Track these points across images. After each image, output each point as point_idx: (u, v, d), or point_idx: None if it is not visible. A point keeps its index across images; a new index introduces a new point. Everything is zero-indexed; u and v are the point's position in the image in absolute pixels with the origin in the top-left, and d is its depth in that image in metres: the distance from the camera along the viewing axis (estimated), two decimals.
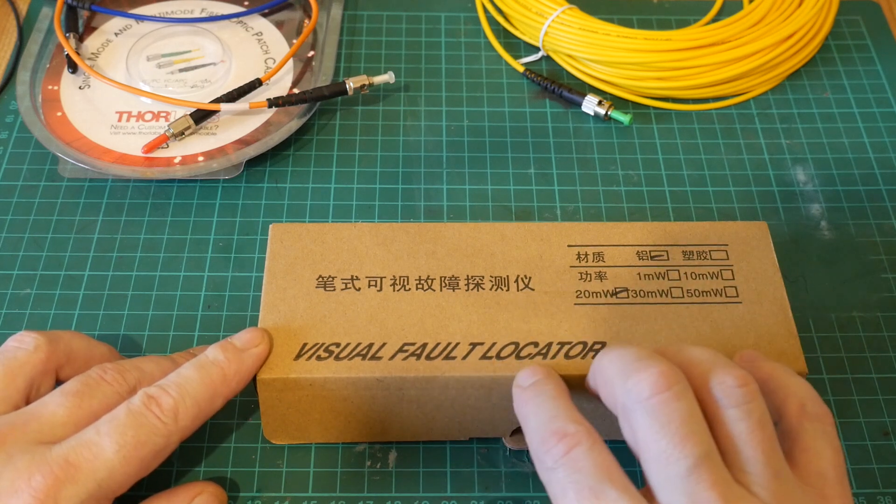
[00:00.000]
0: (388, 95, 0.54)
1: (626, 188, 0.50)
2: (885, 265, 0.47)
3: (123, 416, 0.33)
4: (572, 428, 0.31)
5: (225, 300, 0.45)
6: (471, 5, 0.59)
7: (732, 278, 0.39)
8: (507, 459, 0.40)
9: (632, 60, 0.52)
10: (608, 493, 0.29)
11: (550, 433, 0.31)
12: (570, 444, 0.30)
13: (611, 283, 0.39)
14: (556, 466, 0.30)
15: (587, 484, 0.29)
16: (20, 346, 0.36)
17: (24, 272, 0.45)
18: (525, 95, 0.54)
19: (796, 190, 0.50)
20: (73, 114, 0.51)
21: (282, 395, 0.37)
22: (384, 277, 0.39)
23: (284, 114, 0.51)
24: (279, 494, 0.39)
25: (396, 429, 0.39)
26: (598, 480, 0.29)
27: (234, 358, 0.36)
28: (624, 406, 0.31)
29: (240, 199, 0.49)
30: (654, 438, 0.30)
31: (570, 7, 0.54)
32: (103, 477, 0.32)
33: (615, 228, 0.41)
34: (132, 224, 0.48)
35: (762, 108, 0.54)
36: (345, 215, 0.48)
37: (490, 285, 0.39)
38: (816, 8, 0.54)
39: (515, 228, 0.41)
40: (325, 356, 0.37)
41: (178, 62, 0.54)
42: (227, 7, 0.57)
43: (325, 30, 0.56)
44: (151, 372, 0.36)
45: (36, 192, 0.49)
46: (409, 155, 0.51)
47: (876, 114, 0.54)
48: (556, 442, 0.31)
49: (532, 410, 0.33)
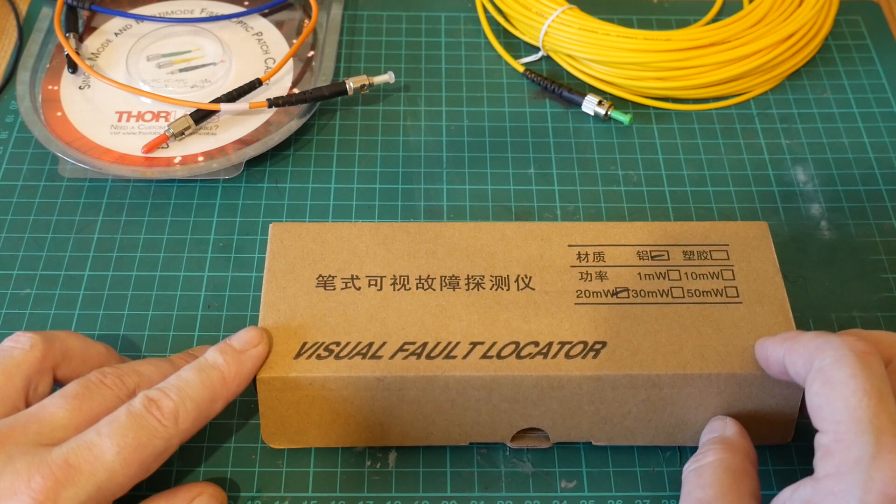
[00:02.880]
0: (388, 95, 0.54)
1: (626, 188, 0.50)
2: (885, 265, 0.47)
3: (124, 418, 0.33)
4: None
5: (225, 300, 0.45)
6: (471, 5, 0.59)
7: (733, 278, 0.39)
8: (507, 459, 0.40)
9: (632, 60, 0.52)
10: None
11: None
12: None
13: (611, 282, 0.39)
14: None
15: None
16: (16, 346, 0.36)
17: (24, 272, 0.45)
18: (525, 95, 0.54)
19: (796, 190, 0.50)
20: (73, 114, 0.51)
21: (281, 395, 0.37)
22: (384, 277, 0.39)
23: (284, 114, 0.51)
24: (279, 494, 0.39)
25: (396, 433, 0.39)
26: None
27: (233, 360, 0.36)
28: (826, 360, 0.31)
29: (240, 199, 0.49)
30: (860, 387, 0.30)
31: (570, 7, 0.54)
32: (103, 479, 0.32)
33: (615, 228, 0.41)
34: (132, 224, 0.47)
35: (762, 108, 0.54)
36: (345, 215, 0.48)
37: (490, 285, 0.39)
38: (816, 8, 0.54)
39: (516, 228, 0.41)
40: (325, 355, 0.37)
41: (178, 62, 0.54)
42: (227, 7, 0.57)
43: (325, 30, 0.56)
44: (150, 375, 0.36)
45: (36, 192, 0.49)
46: (409, 155, 0.51)
47: (876, 114, 0.54)
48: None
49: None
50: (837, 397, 0.30)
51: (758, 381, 0.37)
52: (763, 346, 0.36)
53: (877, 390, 0.30)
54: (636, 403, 0.37)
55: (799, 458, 0.40)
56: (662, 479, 0.39)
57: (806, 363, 0.32)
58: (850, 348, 0.31)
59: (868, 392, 0.30)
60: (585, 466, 0.40)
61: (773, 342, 0.35)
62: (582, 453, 0.40)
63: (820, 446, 0.30)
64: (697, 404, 0.37)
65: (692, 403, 0.37)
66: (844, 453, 0.29)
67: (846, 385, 0.30)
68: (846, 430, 0.30)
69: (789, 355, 0.33)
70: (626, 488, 0.39)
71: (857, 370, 0.30)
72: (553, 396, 0.37)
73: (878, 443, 0.29)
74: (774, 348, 0.35)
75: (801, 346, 0.33)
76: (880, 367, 0.31)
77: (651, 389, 0.37)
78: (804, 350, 0.33)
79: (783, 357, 0.34)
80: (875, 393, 0.30)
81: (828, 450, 0.30)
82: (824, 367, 0.31)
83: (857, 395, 0.30)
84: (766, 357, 0.35)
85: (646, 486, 0.39)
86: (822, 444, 0.30)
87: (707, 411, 0.38)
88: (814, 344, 0.32)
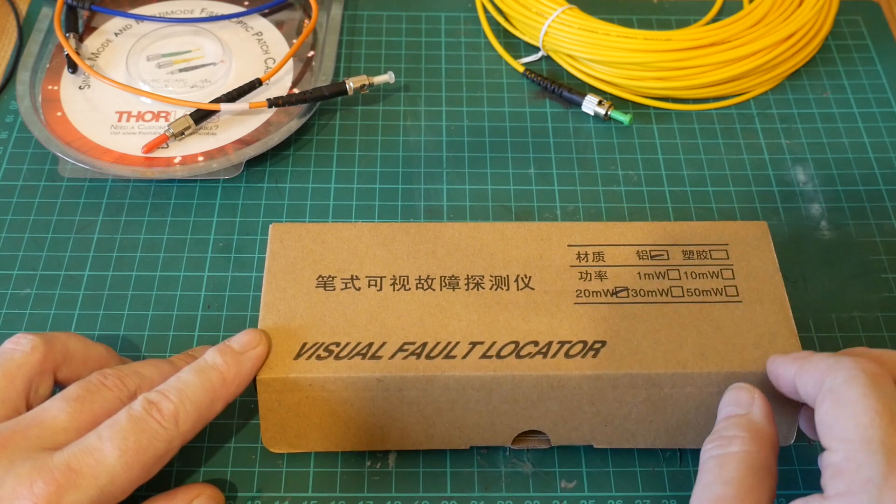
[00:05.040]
0: (388, 95, 0.54)
1: (626, 188, 0.50)
2: (885, 265, 0.47)
3: (125, 421, 0.33)
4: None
5: (225, 300, 0.45)
6: (471, 5, 0.59)
7: (733, 277, 0.39)
8: (506, 459, 0.40)
9: (632, 60, 0.52)
10: None
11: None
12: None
13: (611, 282, 0.39)
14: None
15: None
16: (16, 348, 0.36)
17: (24, 272, 0.45)
18: (525, 95, 0.54)
19: (796, 190, 0.50)
20: (73, 114, 0.51)
21: (281, 396, 0.37)
22: (384, 277, 0.39)
23: (284, 114, 0.51)
24: (279, 495, 0.39)
25: (396, 437, 0.39)
26: None
27: (232, 361, 0.36)
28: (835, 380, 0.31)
29: (240, 199, 0.49)
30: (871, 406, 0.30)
31: (570, 7, 0.54)
32: (105, 483, 0.32)
33: (615, 228, 0.41)
34: (132, 224, 0.47)
35: (762, 108, 0.54)
36: (345, 215, 0.48)
37: (490, 285, 0.39)
38: (816, 8, 0.54)
39: (515, 228, 0.41)
40: (324, 355, 0.37)
41: (178, 62, 0.54)
42: (227, 7, 0.57)
43: (325, 30, 0.56)
44: (151, 376, 0.36)
45: (36, 192, 0.49)
46: (409, 155, 0.51)
47: (876, 114, 0.54)
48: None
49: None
50: (848, 416, 0.30)
51: (758, 379, 0.36)
52: (774, 364, 0.36)
53: (888, 411, 0.30)
54: (637, 404, 0.37)
55: (799, 459, 0.40)
56: (662, 479, 0.39)
57: (817, 382, 0.32)
58: (861, 369, 0.31)
59: (880, 412, 0.30)
60: (585, 466, 0.40)
61: (784, 360, 0.35)
62: (582, 453, 0.40)
63: (829, 465, 0.30)
64: (698, 404, 0.37)
65: (693, 404, 0.37)
66: (855, 473, 0.29)
67: (857, 404, 0.30)
68: (857, 449, 0.30)
69: (800, 375, 0.33)
70: (626, 488, 0.39)
71: (868, 390, 0.30)
72: (553, 396, 0.37)
73: (889, 463, 0.29)
74: (786, 367, 0.35)
75: (812, 365, 0.33)
76: (891, 389, 0.31)
77: (651, 389, 0.37)
78: (815, 370, 0.33)
79: (794, 376, 0.34)
80: (887, 413, 0.30)
81: (838, 469, 0.30)
82: (836, 386, 0.31)
83: (869, 414, 0.30)
84: (777, 375, 0.35)
85: (646, 486, 0.39)
86: (832, 462, 0.30)
87: (708, 412, 0.37)
88: (825, 364, 0.32)
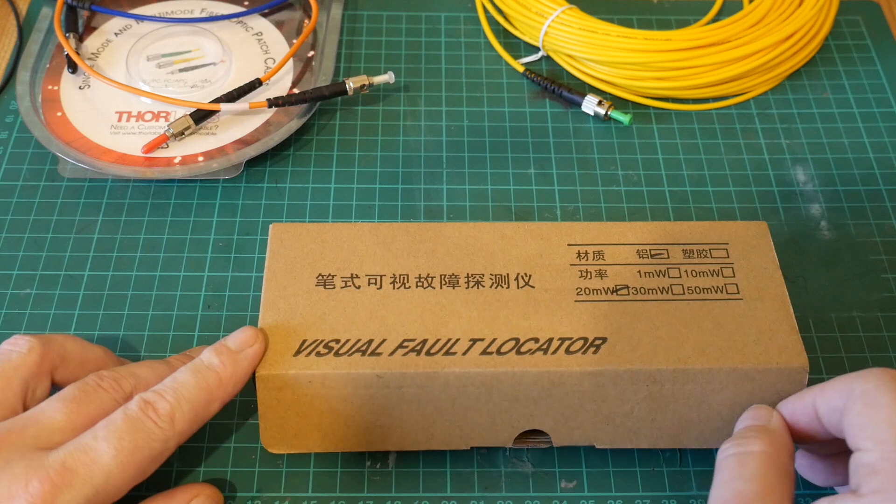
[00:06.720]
0: (388, 95, 0.54)
1: (626, 188, 0.50)
2: (885, 265, 0.47)
3: (120, 421, 0.33)
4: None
5: (225, 300, 0.45)
6: (471, 5, 0.59)
7: (733, 275, 0.39)
8: (506, 459, 0.40)
9: (632, 60, 0.52)
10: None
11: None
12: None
13: (611, 280, 0.39)
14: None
15: None
16: (13, 349, 0.36)
17: (24, 272, 0.45)
18: (525, 95, 0.54)
19: (796, 190, 0.50)
20: (73, 114, 0.51)
21: (281, 393, 0.37)
22: (384, 276, 0.39)
23: (284, 114, 0.51)
24: (279, 494, 0.39)
25: (396, 436, 0.38)
26: None
27: (229, 360, 0.36)
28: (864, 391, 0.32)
29: (240, 199, 0.49)
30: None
31: (570, 7, 0.54)
32: (101, 482, 0.32)
33: (615, 228, 0.41)
34: (132, 224, 0.47)
35: (762, 108, 0.54)
36: (345, 215, 0.48)
37: (490, 283, 0.39)
38: (816, 8, 0.54)
39: (515, 228, 0.41)
40: (324, 352, 0.37)
41: (178, 62, 0.54)
42: (227, 7, 0.57)
43: (325, 30, 0.56)
44: (147, 377, 0.36)
45: (36, 192, 0.49)
46: (409, 155, 0.51)
47: (876, 114, 0.54)
48: None
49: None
50: (882, 418, 0.31)
51: (759, 375, 0.36)
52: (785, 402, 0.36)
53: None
54: (638, 401, 0.37)
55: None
56: (662, 479, 0.39)
57: (844, 392, 0.33)
58: (892, 376, 0.32)
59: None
60: (585, 466, 0.40)
61: (798, 394, 0.35)
62: (582, 453, 0.40)
63: (863, 465, 0.31)
64: (700, 402, 0.37)
65: (694, 401, 0.37)
66: (892, 471, 0.30)
67: (891, 407, 0.31)
68: (893, 449, 0.30)
69: (822, 392, 0.34)
70: (626, 488, 0.39)
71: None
72: (554, 394, 0.37)
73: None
74: (801, 395, 0.35)
75: (835, 381, 0.33)
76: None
77: (652, 385, 0.37)
78: (840, 382, 0.33)
79: (814, 396, 0.34)
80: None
81: (873, 468, 0.30)
82: (867, 390, 0.32)
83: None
84: (793, 409, 0.35)
85: (646, 486, 0.39)
86: (866, 462, 0.31)
87: (710, 410, 0.37)
88: (852, 374, 0.33)
